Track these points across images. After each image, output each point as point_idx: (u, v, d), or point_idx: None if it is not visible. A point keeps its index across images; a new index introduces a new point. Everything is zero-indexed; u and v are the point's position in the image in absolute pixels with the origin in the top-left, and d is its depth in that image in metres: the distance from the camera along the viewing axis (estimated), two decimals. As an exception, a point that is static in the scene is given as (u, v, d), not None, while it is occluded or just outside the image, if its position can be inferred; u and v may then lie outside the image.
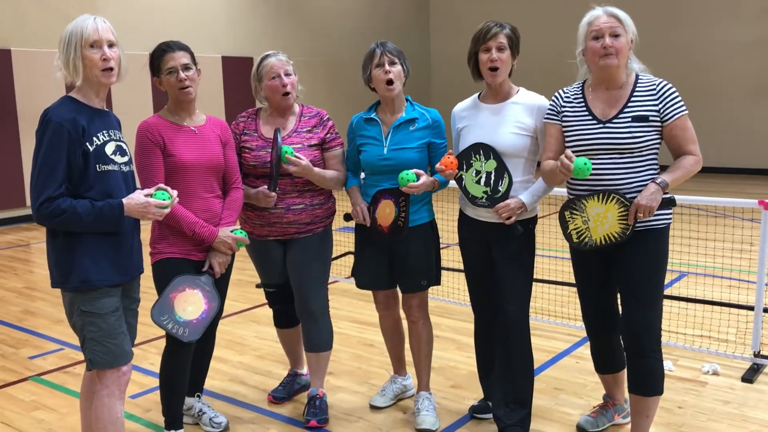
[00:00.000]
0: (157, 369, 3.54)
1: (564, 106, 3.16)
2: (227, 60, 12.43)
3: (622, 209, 2.95)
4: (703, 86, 13.48)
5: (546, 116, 3.22)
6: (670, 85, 3.02)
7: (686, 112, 3.00)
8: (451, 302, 5.63)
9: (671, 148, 3.05)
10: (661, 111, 2.98)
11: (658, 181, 2.94)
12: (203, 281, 3.26)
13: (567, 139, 3.11)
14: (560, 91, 3.22)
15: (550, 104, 3.22)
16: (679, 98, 3.00)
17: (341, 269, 6.49)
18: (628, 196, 2.96)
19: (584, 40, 3.05)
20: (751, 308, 4.61)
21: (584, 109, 3.10)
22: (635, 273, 3.06)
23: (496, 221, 3.29)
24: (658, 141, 3.03)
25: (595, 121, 3.04)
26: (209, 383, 4.00)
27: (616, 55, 2.97)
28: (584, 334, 4.72)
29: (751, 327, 4.45)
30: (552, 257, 6.21)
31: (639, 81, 3.05)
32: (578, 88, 3.18)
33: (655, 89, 3.01)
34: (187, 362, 3.38)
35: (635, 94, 3.02)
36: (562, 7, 15.05)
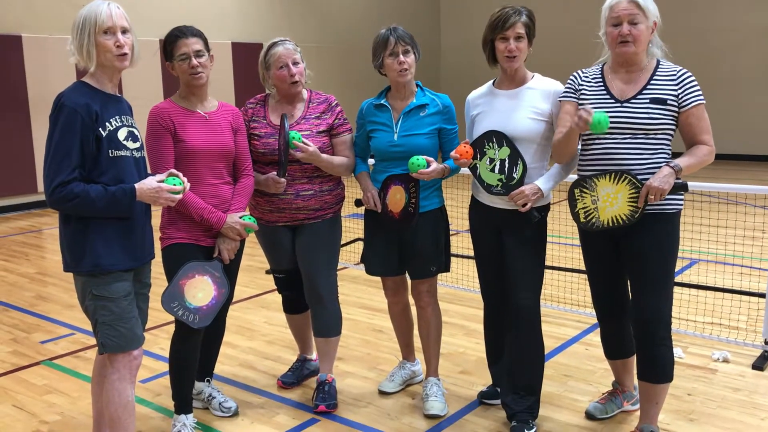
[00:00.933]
0: (167, 354, 3.56)
1: (582, 85, 3.15)
2: (237, 46, 12.41)
3: (633, 191, 2.93)
4: (717, 72, 13.37)
5: (563, 94, 3.20)
6: (690, 74, 3.01)
7: (704, 101, 2.99)
8: (460, 288, 5.62)
9: (685, 136, 3.04)
10: (680, 96, 2.97)
11: (672, 164, 2.92)
12: (213, 267, 3.26)
13: None
14: (579, 71, 3.21)
15: (568, 82, 3.21)
16: (698, 87, 2.99)
17: (351, 255, 6.50)
18: (640, 177, 2.94)
19: (605, 24, 3.03)
20: (762, 295, 4.59)
21: (603, 88, 3.08)
22: (645, 258, 3.05)
23: (508, 208, 3.28)
24: (673, 126, 3.01)
25: (612, 100, 3.03)
26: (219, 368, 4.02)
27: (634, 43, 2.96)
28: (593, 321, 4.72)
29: (762, 314, 4.43)
30: (562, 244, 6.18)
31: (660, 66, 3.04)
32: (598, 68, 3.17)
33: (675, 75, 3.00)
34: (196, 347, 3.40)
35: (655, 77, 3.01)
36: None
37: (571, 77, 3.21)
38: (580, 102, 3.12)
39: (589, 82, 3.14)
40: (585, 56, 3.26)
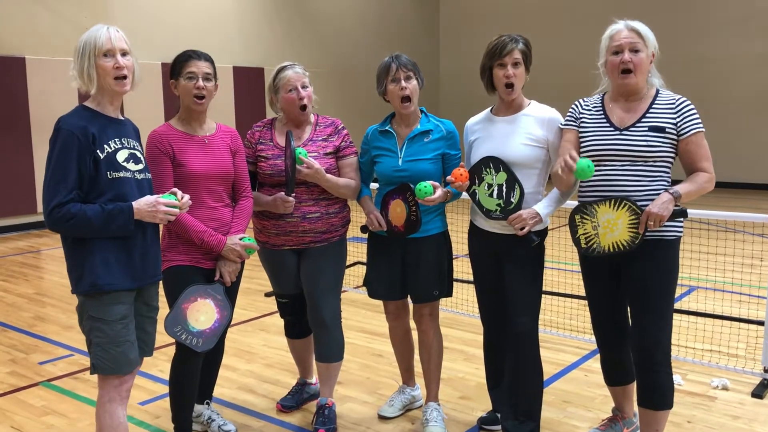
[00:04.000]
0: (166, 376, 3.55)
1: (583, 113, 3.20)
2: (238, 70, 12.50)
3: (633, 217, 2.96)
4: (716, 100, 13.45)
5: (564, 122, 3.26)
6: (689, 102, 3.05)
7: (703, 130, 3.02)
8: (459, 313, 5.63)
9: (685, 164, 3.07)
10: (678, 125, 3.01)
11: (672, 191, 2.95)
12: (214, 290, 3.27)
13: (583, 144, 3.14)
14: (581, 100, 3.27)
15: (570, 111, 3.26)
16: (697, 115, 3.03)
17: (350, 279, 6.50)
18: (640, 203, 2.97)
19: (605, 53, 3.08)
20: (761, 323, 4.60)
21: (603, 116, 3.13)
22: (644, 285, 3.07)
23: (506, 233, 3.31)
24: (672, 154, 3.04)
25: (612, 128, 3.07)
26: (218, 391, 4.01)
27: (635, 71, 3.01)
28: (593, 347, 4.72)
29: (761, 342, 4.43)
30: (561, 270, 6.20)
31: (659, 95, 3.09)
32: (599, 98, 3.22)
33: (674, 104, 3.04)
34: (197, 369, 3.39)
35: (654, 106, 3.05)
36: (572, 20, 15.13)
37: (573, 106, 3.27)
38: (581, 130, 3.16)
39: (589, 110, 3.19)
40: (584, 88, 3.31)
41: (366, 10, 15.56)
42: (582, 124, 3.18)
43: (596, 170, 3.09)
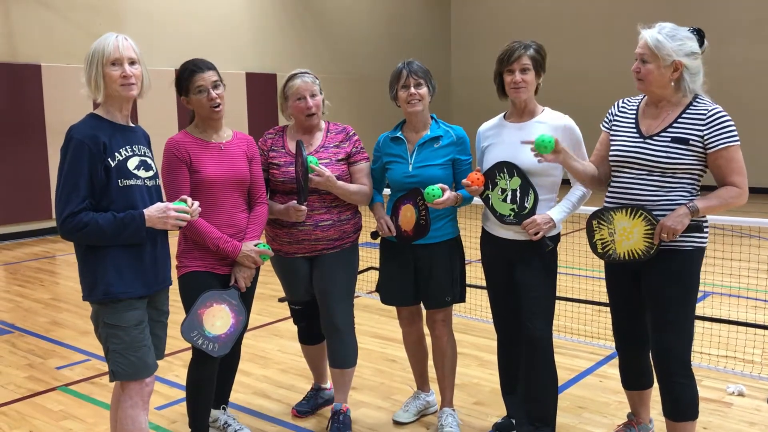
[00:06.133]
0: (182, 381, 3.58)
1: (617, 116, 3.22)
2: (251, 76, 12.56)
3: (649, 227, 2.95)
4: (729, 104, 13.20)
5: (602, 123, 3.29)
6: (723, 115, 2.95)
7: (735, 143, 2.93)
8: (473, 319, 5.63)
9: (715, 177, 3.00)
10: (705, 137, 2.94)
11: (689, 205, 2.93)
12: (230, 296, 3.29)
13: (611, 148, 3.16)
14: (621, 100, 3.27)
15: (608, 112, 3.29)
16: (730, 129, 2.93)
17: (363, 284, 6.52)
18: (655, 213, 2.97)
19: None
20: (777, 329, 4.57)
21: (633, 121, 3.14)
22: (659, 294, 3.06)
23: (519, 239, 3.32)
24: (698, 166, 2.98)
25: (637, 135, 3.08)
26: (233, 396, 4.02)
27: (643, 80, 3.01)
28: (607, 352, 4.72)
29: (777, 348, 4.41)
30: (575, 275, 6.19)
31: (693, 104, 3.02)
32: (639, 100, 3.22)
33: (705, 115, 2.96)
34: (213, 374, 3.41)
35: (684, 116, 3.00)
36: (584, 26, 15.09)
37: (612, 107, 3.29)
38: (612, 133, 3.19)
39: (625, 113, 3.20)
40: (598, 97, 3.32)
41: (378, 17, 15.61)
42: (614, 127, 3.20)
43: (619, 177, 3.10)
